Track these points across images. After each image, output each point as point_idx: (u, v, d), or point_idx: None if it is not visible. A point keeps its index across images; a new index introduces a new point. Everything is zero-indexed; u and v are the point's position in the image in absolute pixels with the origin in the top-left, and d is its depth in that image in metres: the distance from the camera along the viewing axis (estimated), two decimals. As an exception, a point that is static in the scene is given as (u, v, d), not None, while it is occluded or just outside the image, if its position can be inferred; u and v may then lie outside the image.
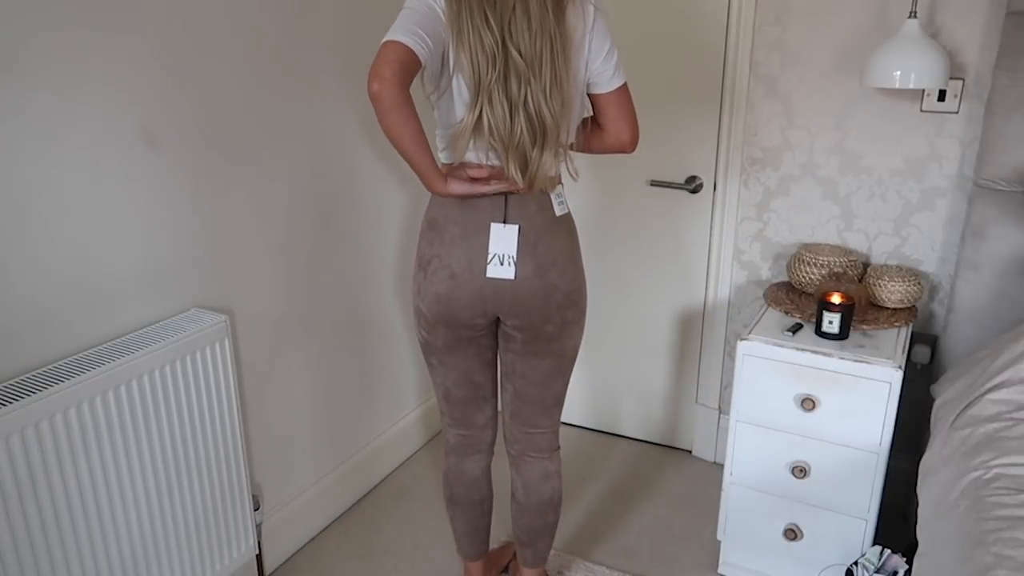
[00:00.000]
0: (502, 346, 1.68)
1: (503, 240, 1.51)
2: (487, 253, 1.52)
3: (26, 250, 1.40)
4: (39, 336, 1.44)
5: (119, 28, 1.49)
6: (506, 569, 2.10)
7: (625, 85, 1.58)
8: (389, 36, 1.33)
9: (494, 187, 1.48)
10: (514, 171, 1.46)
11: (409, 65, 1.32)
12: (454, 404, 1.72)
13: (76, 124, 1.44)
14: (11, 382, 1.38)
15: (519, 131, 1.44)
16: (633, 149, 1.66)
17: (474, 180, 1.48)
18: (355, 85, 2.14)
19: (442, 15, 1.38)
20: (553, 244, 1.55)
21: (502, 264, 1.52)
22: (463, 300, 1.54)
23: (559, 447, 1.80)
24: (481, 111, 1.42)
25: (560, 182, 1.58)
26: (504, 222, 1.51)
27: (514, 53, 1.39)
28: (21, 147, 1.36)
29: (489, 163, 1.49)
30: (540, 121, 1.44)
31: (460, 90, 1.44)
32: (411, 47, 1.32)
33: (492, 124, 1.43)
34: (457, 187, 1.47)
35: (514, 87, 1.41)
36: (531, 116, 1.43)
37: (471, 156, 1.49)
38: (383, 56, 1.31)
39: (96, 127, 1.48)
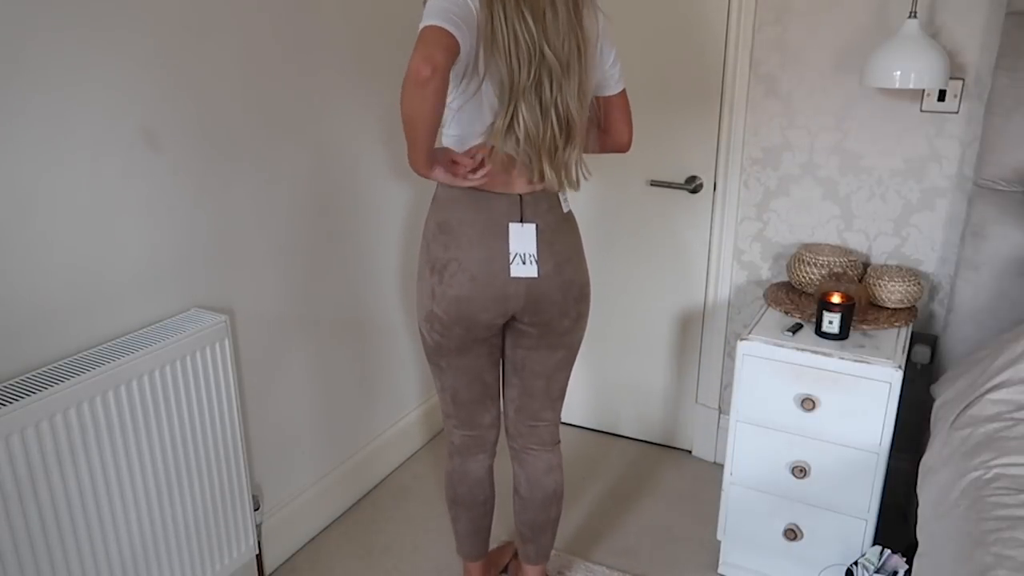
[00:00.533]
0: (511, 343, 1.70)
1: (523, 239, 1.53)
2: (507, 254, 1.52)
3: (26, 250, 1.40)
4: (39, 336, 1.44)
5: (119, 27, 1.49)
6: (505, 569, 2.10)
7: (624, 89, 1.64)
8: (433, 21, 1.29)
9: (472, 180, 1.47)
10: (549, 172, 1.48)
11: (453, 55, 1.30)
12: (462, 405, 1.72)
13: (76, 123, 1.44)
14: (11, 382, 1.38)
15: (550, 132, 1.45)
16: (629, 149, 1.72)
17: (455, 171, 1.47)
18: (356, 84, 2.14)
19: (475, 13, 1.36)
20: (566, 240, 1.59)
21: (524, 263, 1.54)
22: (483, 302, 1.54)
23: (560, 440, 1.82)
24: (514, 115, 1.42)
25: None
26: (521, 221, 1.52)
27: (549, 54, 1.40)
28: (21, 147, 1.36)
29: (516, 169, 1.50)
30: (568, 121, 1.46)
31: (487, 94, 1.44)
32: (457, 38, 1.30)
33: (527, 127, 1.43)
34: (440, 175, 1.46)
35: (546, 89, 1.42)
36: (560, 117, 1.45)
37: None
38: (433, 41, 1.27)
39: (96, 126, 1.48)
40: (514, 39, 1.37)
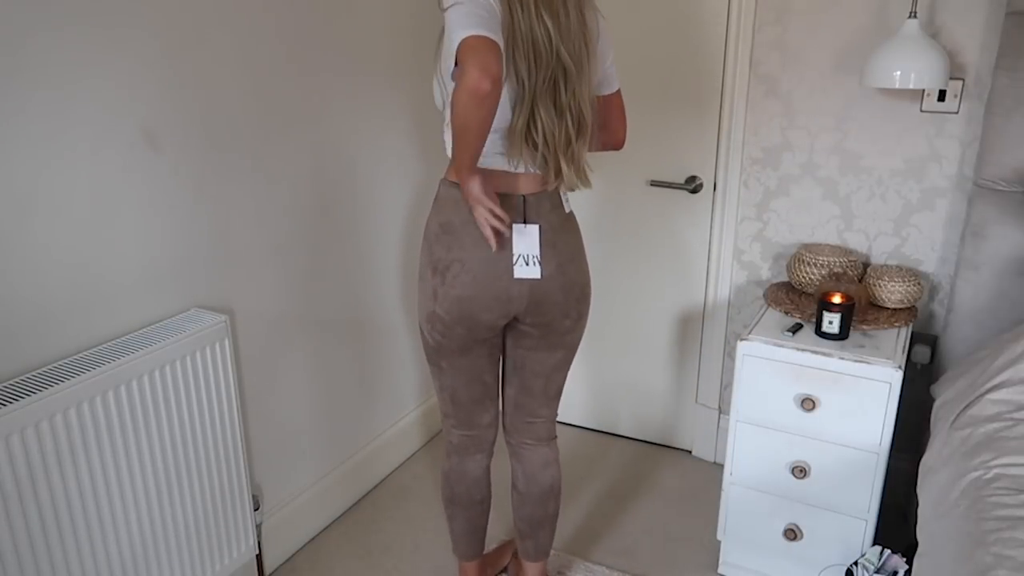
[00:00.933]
0: (511, 342, 1.70)
1: (526, 240, 1.53)
2: (510, 255, 1.53)
3: (26, 250, 1.40)
4: (39, 336, 1.44)
5: (120, 25, 1.49)
6: (505, 570, 2.10)
7: (619, 88, 1.66)
8: (476, 31, 1.27)
9: (489, 232, 1.46)
10: (567, 170, 1.50)
11: (503, 62, 1.30)
12: (461, 405, 1.72)
13: (76, 122, 1.44)
14: (11, 382, 1.38)
15: (565, 133, 1.47)
16: (623, 146, 1.74)
17: (489, 211, 1.45)
18: (357, 85, 2.14)
19: (499, 15, 1.36)
20: (568, 240, 1.60)
21: (527, 264, 1.54)
22: (485, 302, 1.55)
23: (556, 436, 1.84)
24: (531, 117, 1.43)
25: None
26: (524, 222, 1.53)
27: (565, 56, 1.41)
28: (21, 145, 1.36)
29: (532, 170, 1.51)
30: (581, 121, 1.48)
31: (504, 94, 1.43)
32: (500, 46, 1.29)
33: (544, 130, 1.45)
34: (474, 192, 1.44)
35: (562, 90, 1.44)
36: (574, 117, 1.47)
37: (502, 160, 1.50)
38: (485, 51, 1.25)
39: (96, 125, 1.48)
40: (532, 41, 1.38)
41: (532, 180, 1.53)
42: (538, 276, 1.55)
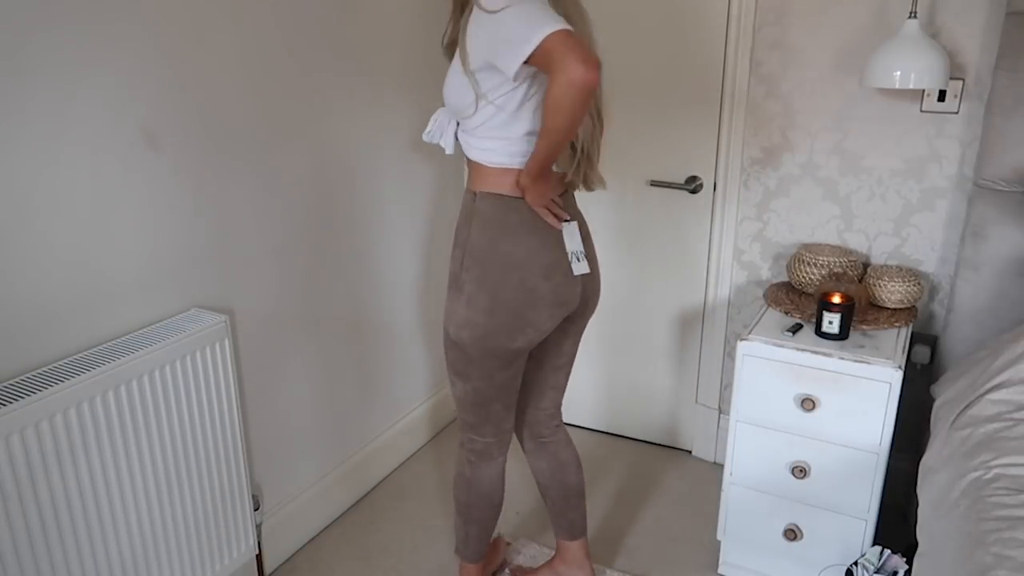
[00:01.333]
0: (541, 341, 1.73)
1: (572, 238, 1.57)
2: (564, 257, 1.55)
3: (26, 250, 1.40)
4: (39, 336, 1.44)
5: (120, 24, 1.49)
6: (501, 569, 2.09)
7: None
8: (561, 25, 1.23)
9: (554, 220, 1.53)
10: (591, 173, 1.54)
11: None
12: (492, 413, 1.70)
13: (76, 122, 1.44)
14: (11, 382, 1.38)
15: (591, 134, 1.50)
16: None
17: (551, 210, 1.51)
18: (357, 85, 2.14)
19: None
20: (589, 236, 1.66)
21: (579, 261, 1.58)
22: (550, 309, 1.56)
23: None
24: None
25: None
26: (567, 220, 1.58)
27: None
28: (20, 145, 1.36)
29: (563, 171, 1.54)
30: (601, 120, 1.52)
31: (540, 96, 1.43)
32: None
33: (583, 129, 1.47)
34: (541, 197, 1.48)
35: None
36: (598, 116, 1.51)
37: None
38: (582, 44, 1.22)
39: (96, 125, 1.48)
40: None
41: (559, 181, 1.55)
42: (588, 270, 1.60)
